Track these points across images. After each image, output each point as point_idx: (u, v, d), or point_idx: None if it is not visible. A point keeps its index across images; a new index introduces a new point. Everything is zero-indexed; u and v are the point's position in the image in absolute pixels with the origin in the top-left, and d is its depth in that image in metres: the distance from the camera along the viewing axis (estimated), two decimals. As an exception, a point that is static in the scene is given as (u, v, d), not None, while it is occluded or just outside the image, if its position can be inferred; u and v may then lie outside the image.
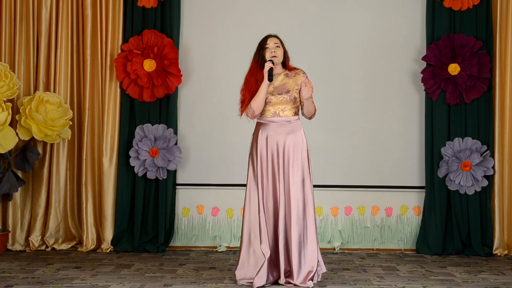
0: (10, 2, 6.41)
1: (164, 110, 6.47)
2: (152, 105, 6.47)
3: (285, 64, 5.05)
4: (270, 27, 6.17)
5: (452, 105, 6.40)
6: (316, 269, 4.85)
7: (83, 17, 6.45)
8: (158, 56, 6.37)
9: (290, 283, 4.82)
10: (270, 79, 4.84)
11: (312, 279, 4.81)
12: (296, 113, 5.00)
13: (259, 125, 5.00)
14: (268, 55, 4.93)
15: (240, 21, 6.61)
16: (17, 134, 6.13)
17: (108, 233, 6.42)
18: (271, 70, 4.85)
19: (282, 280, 4.81)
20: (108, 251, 6.38)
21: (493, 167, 6.31)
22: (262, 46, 4.98)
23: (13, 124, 6.22)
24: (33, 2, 6.43)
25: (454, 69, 6.30)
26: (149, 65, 6.35)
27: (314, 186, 5.02)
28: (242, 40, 6.51)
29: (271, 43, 4.96)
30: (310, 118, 5.05)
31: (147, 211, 6.47)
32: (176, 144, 6.43)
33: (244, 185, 5.13)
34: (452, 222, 6.39)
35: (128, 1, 6.48)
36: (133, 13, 6.47)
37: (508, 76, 6.33)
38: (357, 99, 6.58)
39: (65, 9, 6.43)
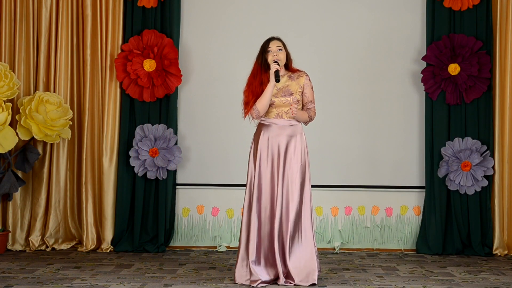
0: (10, 2, 6.41)
1: (164, 110, 6.47)
2: (152, 105, 6.47)
3: (288, 66, 5.05)
4: (270, 27, 6.20)
5: (452, 105, 6.40)
6: (316, 268, 4.86)
7: (83, 17, 6.45)
8: (158, 56, 6.37)
9: (290, 283, 4.82)
10: (278, 80, 4.83)
11: (314, 278, 4.81)
12: None
13: (261, 126, 4.99)
14: (270, 59, 4.92)
15: (240, 20, 6.61)
16: (17, 134, 6.13)
17: (108, 233, 6.41)
18: (277, 71, 4.84)
19: (282, 280, 4.81)
20: (108, 251, 6.38)
21: (493, 167, 6.31)
22: (264, 49, 4.97)
23: (13, 124, 6.22)
24: (33, 2, 6.43)
25: (454, 69, 6.30)
26: (149, 65, 6.35)
27: (315, 186, 5.03)
28: (242, 39, 6.51)
29: (273, 46, 4.95)
30: (305, 124, 5.05)
31: (147, 211, 6.46)
32: (176, 144, 6.43)
33: (244, 185, 5.13)
34: (452, 222, 6.39)
35: (128, 1, 6.48)
36: (133, 13, 6.47)
37: (508, 76, 6.33)
38: (357, 99, 6.57)
39: (65, 9, 6.43)
